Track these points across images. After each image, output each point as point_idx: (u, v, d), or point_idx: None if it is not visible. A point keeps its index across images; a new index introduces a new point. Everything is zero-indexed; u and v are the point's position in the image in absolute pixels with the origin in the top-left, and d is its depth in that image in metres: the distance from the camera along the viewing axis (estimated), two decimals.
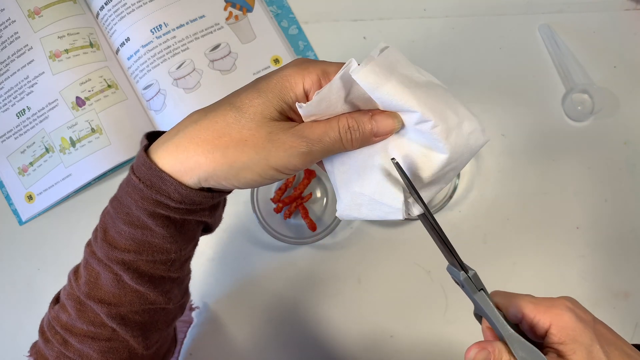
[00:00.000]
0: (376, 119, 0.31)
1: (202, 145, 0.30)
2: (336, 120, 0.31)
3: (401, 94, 0.30)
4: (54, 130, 0.63)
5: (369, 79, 0.30)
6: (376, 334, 0.61)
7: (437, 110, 0.31)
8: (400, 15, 0.66)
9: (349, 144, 0.32)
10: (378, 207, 0.33)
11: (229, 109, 0.31)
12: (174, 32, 0.63)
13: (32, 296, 0.64)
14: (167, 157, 0.31)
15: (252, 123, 0.30)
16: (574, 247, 0.62)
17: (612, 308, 0.61)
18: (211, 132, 0.30)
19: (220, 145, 0.30)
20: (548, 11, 0.66)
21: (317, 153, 0.31)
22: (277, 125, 0.30)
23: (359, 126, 0.31)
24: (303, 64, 0.31)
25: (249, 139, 0.30)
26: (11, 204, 0.65)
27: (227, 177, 0.31)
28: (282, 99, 0.31)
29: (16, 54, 0.65)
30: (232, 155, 0.30)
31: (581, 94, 0.63)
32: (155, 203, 0.32)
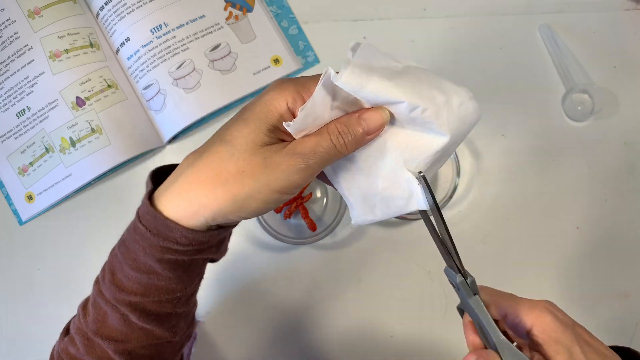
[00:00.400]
0: (364, 117, 0.32)
1: (203, 186, 0.31)
2: (325, 128, 0.32)
3: (385, 88, 0.30)
4: (54, 130, 0.63)
5: (351, 82, 0.30)
6: (376, 334, 0.62)
7: (422, 94, 0.31)
8: (400, 15, 0.66)
9: (344, 148, 0.32)
10: (392, 203, 0.34)
11: (221, 145, 0.31)
12: (174, 32, 0.63)
13: (32, 296, 0.64)
14: (171, 204, 0.32)
15: (245, 154, 0.31)
16: (574, 247, 0.62)
17: (612, 308, 0.61)
18: (209, 171, 0.31)
19: (220, 181, 0.31)
20: (548, 11, 0.66)
21: (315, 165, 0.31)
22: (270, 150, 0.31)
23: (349, 129, 0.32)
24: (282, 85, 0.32)
25: (246, 170, 0.31)
26: (11, 204, 0.65)
27: (233, 210, 0.32)
28: (269, 123, 0.31)
29: (16, 54, 0.65)
30: (233, 189, 0.31)
31: (581, 94, 0.63)
32: (163, 249, 0.32)
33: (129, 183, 0.65)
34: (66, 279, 0.64)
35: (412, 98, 0.30)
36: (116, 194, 0.65)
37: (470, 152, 0.63)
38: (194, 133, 0.65)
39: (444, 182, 0.61)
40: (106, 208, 0.65)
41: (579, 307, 0.62)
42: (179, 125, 0.63)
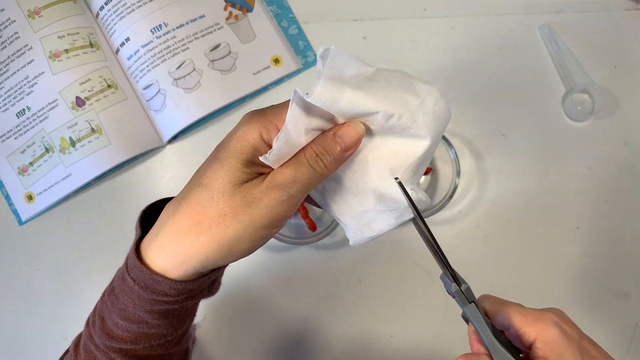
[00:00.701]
0: (339, 134, 0.31)
1: (186, 237, 0.30)
2: (302, 153, 0.30)
3: (358, 100, 0.29)
4: (53, 130, 0.63)
5: (323, 98, 0.29)
6: (376, 334, 0.62)
7: (396, 100, 0.30)
8: (400, 15, 0.66)
9: (324, 170, 0.30)
10: (387, 216, 0.33)
11: (199, 190, 0.30)
12: (174, 32, 0.63)
13: (32, 296, 0.64)
14: (157, 258, 0.31)
15: (224, 195, 0.30)
16: (574, 247, 0.62)
17: (612, 308, 0.61)
18: (190, 220, 0.30)
19: (203, 229, 0.30)
20: (548, 11, 0.66)
21: (298, 194, 0.30)
22: (248, 187, 0.30)
23: (326, 149, 0.30)
24: (252, 117, 0.31)
25: (227, 212, 0.29)
26: (11, 204, 0.65)
27: (221, 256, 0.31)
28: (244, 160, 0.30)
29: (16, 54, 0.65)
30: (217, 235, 0.30)
31: (581, 94, 0.63)
32: (152, 302, 0.32)
33: (128, 183, 0.65)
34: (66, 279, 0.64)
35: (386, 106, 0.30)
36: (116, 193, 0.65)
37: (470, 152, 0.63)
38: (194, 133, 0.65)
39: (444, 182, 0.61)
40: (106, 208, 0.65)
41: (579, 307, 0.62)
42: (179, 125, 0.63)
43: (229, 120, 0.65)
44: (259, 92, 0.65)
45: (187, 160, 0.65)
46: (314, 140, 0.31)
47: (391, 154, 0.32)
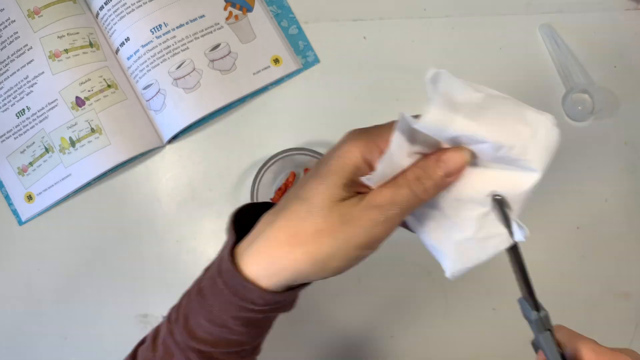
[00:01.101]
0: (442, 159, 0.30)
1: (282, 248, 0.30)
2: (403, 176, 0.30)
3: (469, 128, 0.28)
4: (53, 130, 0.63)
5: (433, 125, 0.28)
6: (376, 334, 0.62)
7: (507, 131, 0.29)
8: (400, 15, 0.66)
9: (424, 194, 0.30)
10: (487, 244, 0.32)
11: (298, 204, 0.31)
12: (173, 31, 0.63)
13: (32, 296, 0.64)
14: (251, 265, 0.32)
15: (323, 211, 0.30)
16: (574, 247, 0.62)
17: (612, 308, 0.61)
18: (287, 232, 0.30)
19: (299, 242, 0.30)
20: (548, 11, 0.66)
21: (396, 217, 0.30)
22: (347, 205, 0.30)
23: (428, 173, 0.29)
24: (355, 136, 0.31)
25: (324, 229, 0.30)
26: (11, 204, 0.65)
27: (314, 271, 0.31)
28: (345, 178, 0.30)
29: (16, 54, 0.64)
30: (312, 249, 0.30)
31: (581, 94, 0.63)
32: (239, 308, 0.32)
33: (128, 183, 0.65)
34: (66, 279, 0.64)
35: (497, 137, 0.29)
36: (116, 193, 0.65)
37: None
38: (194, 133, 0.65)
39: None
40: (106, 208, 0.65)
41: (579, 307, 0.62)
42: (179, 125, 0.63)
43: (229, 120, 0.65)
44: (259, 92, 0.65)
45: (187, 160, 0.65)
46: (415, 163, 0.30)
47: (497, 183, 0.31)
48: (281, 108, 0.65)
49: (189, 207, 0.64)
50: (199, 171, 0.65)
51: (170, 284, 0.63)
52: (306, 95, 0.65)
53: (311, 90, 0.65)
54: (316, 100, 0.65)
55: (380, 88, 0.65)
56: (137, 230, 0.64)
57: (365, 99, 0.65)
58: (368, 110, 0.64)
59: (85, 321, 0.63)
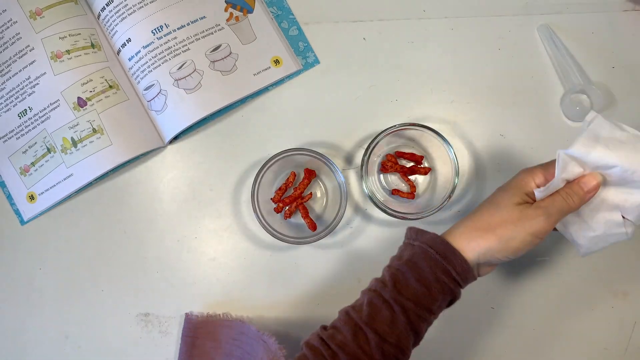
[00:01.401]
0: (583, 181, 0.45)
1: (479, 232, 0.45)
2: (558, 192, 0.45)
3: (603, 156, 0.43)
4: (55, 130, 0.64)
5: (579, 151, 0.44)
6: None
7: (634, 159, 0.42)
8: (399, 16, 0.66)
9: (573, 203, 0.45)
10: (611, 238, 0.47)
11: (489, 206, 0.47)
12: (174, 33, 0.64)
13: (34, 296, 0.64)
14: (457, 239, 0.46)
15: (507, 208, 0.45)
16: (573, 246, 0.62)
17: (610, 307, 0.61)
18: (481, 222, 0.46)
19: (490, 228, 0.45)
20: (547, 12, 0.66)
21: (554, 215, 0.44)
22: (523, 207, 0.45)
23: (574, 190, 0.45)
24: (531, 169, 0.48)
25: (507, 220, 0.45)
26: (13, 204, 0.66)
27: (500, 248, 0.44)
28: (522, 192, 0.46)
29: (18, 55, 0.65)
30: (500, 233, 0.44)
31: (579, 95, 0.63)
32: (443, 271, 0.45)
33: (130, 183, 0.65)
34: (68, 279, 0.64)
35: (624, 163, 0.42)
36: (117, 193, 0.65)
37: (469, 153, 0.64)
38: (195, 133, 0.65)
39: (443, 182, 0.62)
40: (107, 208, 0.65)
41: (578, 306, 0.62)
42: (180, 126, 0.63)
43: (230, 121, 0.65)
44: (259, 92, 0.65)
45: (188, 160, 0.65)
46: (566, 185, 0.46)
47: (622, 197, 0.45)
48: (281, 109, 0.65)
49: (189, 206, 0.64)
50: (200, 171, 0.65)
51: (171, 283, 0.64)
52: (306, 95, 0.65)
53: (311, 91, 0.65)
54: (316, 100, 0.65)
55: (380, 88, 0.65)
56: (138, 229, 0.64)
57: (365, 99, 0.65)
58: (368, 111, 0.65)
59: (87, 320, 0.64)
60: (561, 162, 0.44)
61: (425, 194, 0.63)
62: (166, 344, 0.63)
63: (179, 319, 0.63)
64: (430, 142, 0.61)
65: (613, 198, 0.46)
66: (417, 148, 0.64)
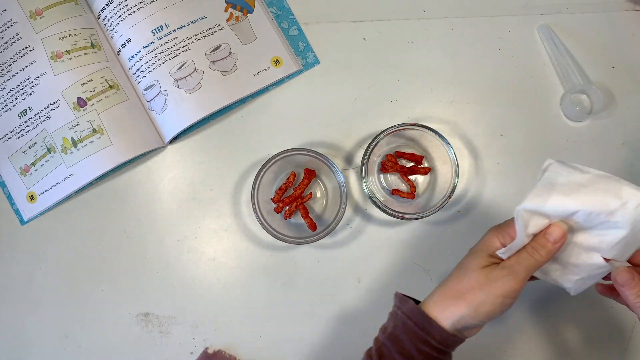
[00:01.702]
0: (548, 232, 0.43)
1: (451, 300, 0.45)
2: (524, 247, 0.44)
3: (561, 203, 0.41)
4: (55, 130, 0.64)
5: (533, 203, 0.42)
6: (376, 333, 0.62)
7: (595, 201, 0.40)
8: (399, 16, 0.66)
9: (540, 257, 0.44)
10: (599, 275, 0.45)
11: (459, 272, 0.46)
12: (174, 33, 0.64)
13: (34, 296, 0.64)
14: (432, 309, 0.46)
15: (474, 274, 0.45)
16: None
17: (610, 307, 0.61)
18: (453, 290, 0.45)
19: (460, 296, 0.45)
20: (547, 12, 0.66)
21: (522, 273, 0.43)
22: (489, 269, 0.45)
23: (540, 244, 0.44)
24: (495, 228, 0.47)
25: (475, 285, 0.44)
26: (13, 204, 0.66)
27: (471, 315, 0.44)
28: (488, 254, 0.46)
29: (18, 55, 0.65)
30: (469, 298, 0.44)
31: (579, 95, 0.64)
32: (423, 342, 0.45)
33: (130, 183, 0.65)
34: (68, 279, 0.64)
35: (586, 206, 0.41)
36: (117, 193, 0.65)
37: (469, 152, 0.64)
38: (195, 133, 0.66)
39: (443, 182, 0.62)
40: (107, 208, 0.65)
41: (577, 307, 0.62)
42: (180, 126, 0.63)
43: (230, 121, 0.65)
44: (259, 92, 0.65)
45: (188, 160, 0.65)
46: (532, 239, 0.44)
47: (596, 240, 0.43)
48: (281, 109, 0.66)
49: (190, 206, 0.64)
50: (200, 171, 0.65)
51: (171, 283, 0.64)
52: (306, 95, 0.65)
53: (311, 91, 0.65)
54: (316, 100, 0.65)
55: (380, 89, 0.65)
56: (138, 229, 0.64)
57: (365, 99, 0.65)
58: (368, 111, 0.65)
59: (87, 320, 0.64)
60: (520, 219, 0.43)
61: (425, 194, 0.63)
62: (166, 344, 0.63)
63: (179, 319, 0.63)
64: (430, 142, 0.61)
65: (588, 242, 0.44)
66: (417, 148, 0.64)
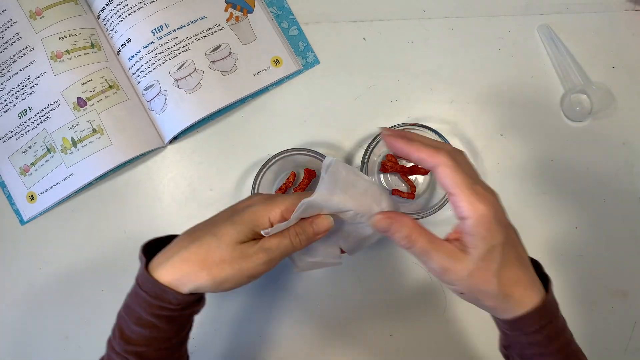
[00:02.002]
0: (316, 222, 0.43)
1: (192, 266, 0.41)
2: (287, 231, 0.43)
3: (343, 202, 0.43)
4: (55, 130, 0.64)
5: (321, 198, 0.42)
6: (376, 333, 0.62)
7: (365, 205, 0.43)
8: (399, 16, 0.66)
9: (299, 244, 0.43)
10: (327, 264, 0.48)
11: (211, 239, 0.42)
12: (174, 33, 0.64)
13: (34, 296, 0.64)
14: (167, 275, 0.41)
15: (229, 248, 0.41)
16: (572, 247, 0.62)
17: (610, 307, 0.61)
18: (198, 256, 0.41)
19: (206, 266, 0.41)
20: (547, 12, 0.66)
21: (276, 258, 0.42)
22: (246, 246, 0.42)
23: (304, 230, 0.43)
24: (268, 202, 0.43)
25: (226, 260, 0.41)
26: (13, 204, 0.66)
27: (212, 288, 0.41)
28: (251, 229, 0.42)
29: (18, 55, 0.65)
30: (214, 273, 0.41)
31: (580, 95, 0.64)
32: (160, 308, 0.42)
33: (130, 183, 0.65)
34: (67, 279, 0.64)
35: (357, 208, 0.43)
36: (117, 193, 0.65)
37: (469, 152, 0.64)
38: (195, 133, 0.65)
39: None
40: (107, 208, 0.65)
41: (578, 306, 0.62)
42: (180, 126, 0.63)
43: (230, 121, 0.65)
44: (259, 92, 0.65)
45: (188, 160, 0.65)
46: (298, 222, 0.43)
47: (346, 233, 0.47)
48: (281, 109, 0.65)
49: (189, 206, 0.64)
50: (200, 171, 0.65)
51: None
52: (306, 95, 0.65)
53: (311, 91, 0.65)
54: (316, 100, 0.65)
55: (380, 88, 0.65)
56: (138, 229, 0.64)
57: (365, 99, 0.65)
58: (368, 111, 0.65)
59: (87, 320, 0.64)
60: (302, 209, 0.42)
61: (425, 194, 0.63)
62: None
63: None
64: None
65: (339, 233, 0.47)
66: None
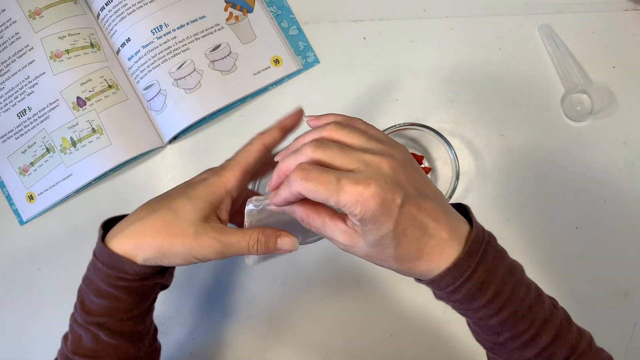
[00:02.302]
0: (281, 240, 0.42)
1: (146, 238, 0.40)
2: (249, 233, 0.41)
3: None
4: (54, 130, 0.64)
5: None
6: (376, 333, 0.62)
7: None
8: (399, 15, 0.66)
9: (255, 251, 0.41)
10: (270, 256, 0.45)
11: (167, 212, 0.41)
12: (174, 32, 0.64)
13: (33, 296, 0.64)
14: (122, 244, 0.41)
15: (184, 223, 0.40)
16: (573, 247, 0.62)
17: (611, 308, 0.61)
18: (153, 229, 0.41)
19: (159, 238, 0.40)
20: (547, 12, 0.66)
21: (228, 253, 0.41)
22: (202, 226, 0.40)
23: (266, 241, 0.41)
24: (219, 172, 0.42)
25: (179, 236, 0.40)
26: (12, 204, 0.66)
27: (162, 260, 0.41)
28: (209, 202, 0.41)
29: (17, 55, 0.65)
30: (166, 246, 0.40)
31: (580, 94, 0.63)
32: (117, 278, 0.41)
33: (129, 183, 0.65)
34: (67, 279, 0.64)
35: None
36: (117, 193, 0.65)
37: (469, 152, 0.64)
38: (195, 133, 0.65)
39: (443, 182, 0.62)
40: (107, 208, 0.64)
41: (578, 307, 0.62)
42: (180, 126, 0.63)
43: (230, 121, 0.65)
44: (259, 92, 0.65)
45: (187, 160, 0.65)
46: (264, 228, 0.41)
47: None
48: (281, 108, 0.65)
49: None
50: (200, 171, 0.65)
51: None
52: (306, 95, 0.65)
53: (311, 91, 0.65)
54: (316, 100, 0.65)
55: (380, 88, 0.65)
56: None
57: (365, 99, 0.65)
58: (368, 110, 0.65)
59: None
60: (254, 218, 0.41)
61: None
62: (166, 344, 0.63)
63: (179, 319, 0.63)
64: (430, 142, 0.61)
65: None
66: (417, 148, 0.64)
